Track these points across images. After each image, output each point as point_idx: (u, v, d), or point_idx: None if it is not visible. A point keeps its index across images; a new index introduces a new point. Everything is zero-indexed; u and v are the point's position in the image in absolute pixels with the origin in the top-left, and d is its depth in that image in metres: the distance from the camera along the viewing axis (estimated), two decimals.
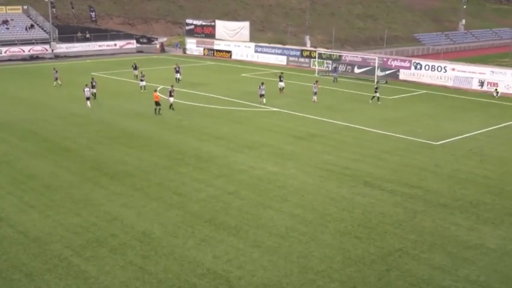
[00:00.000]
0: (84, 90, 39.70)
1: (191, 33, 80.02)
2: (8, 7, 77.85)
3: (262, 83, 42.71)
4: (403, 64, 57.35)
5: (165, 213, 20.65)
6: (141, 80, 46.50)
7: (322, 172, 25.77)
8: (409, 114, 39.35)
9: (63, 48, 74.87)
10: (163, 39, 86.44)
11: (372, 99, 43.45)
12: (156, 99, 37.15)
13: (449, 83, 53.44)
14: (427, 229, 19.63)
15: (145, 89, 45.80)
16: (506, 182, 24.96)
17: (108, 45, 79.12)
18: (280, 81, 47.10)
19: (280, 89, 46.95)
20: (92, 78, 44.06)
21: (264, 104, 41.25)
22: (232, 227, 19.56)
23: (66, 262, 16.85)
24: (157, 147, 29.59)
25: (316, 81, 44.60)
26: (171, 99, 38.30)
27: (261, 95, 42.29)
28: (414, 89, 51.11)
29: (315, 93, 42.98)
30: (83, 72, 59.26)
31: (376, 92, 43.55)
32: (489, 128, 35.26)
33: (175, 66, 53.61)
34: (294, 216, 20.56)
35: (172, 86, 39.76)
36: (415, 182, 24.66)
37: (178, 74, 52.12)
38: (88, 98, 39.46)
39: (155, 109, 37.03)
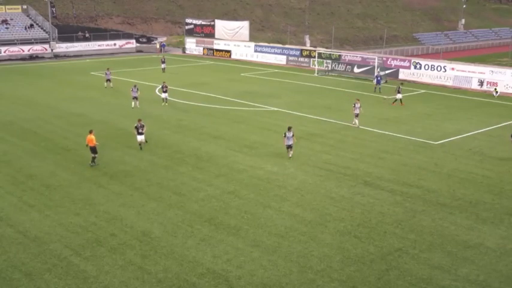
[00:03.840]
0: (131, 90, 39.80)
1: (191, 32, 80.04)
2: (7, 6, 77.84)
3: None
4: (402, 64, 57.33)
5: (165, 213, 20.65)
6: (164, 92, 41.03)
7: (321, 172, 25.77)
8: (409, 114, 39.33)
9: (62, 47, 74.89)
10: (163, 39, 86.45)
11: (394, 101, 42.18)
12: (92, 144, 25.81)
13: (449, 83, 53.43)
14: (426, 228, 19.64)
15: (166, 102, 40.75)
16: (506, 181, 24.96)
17: (107, 45, 79.16)
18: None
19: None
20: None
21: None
22: (231, 226, 19.56)
23: (65, 262, 16.84)
24: (157, 146, 29.58)
25: (358, 100, 35.23)
26: (140, 138, 28.57)
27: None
28: (414, 89, 51.07)
29: (357, 115, 34.44)
30: (83, 72, 59.32)
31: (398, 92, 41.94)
32: (489, 128, 35.26)
33: (161, 58, 59.36)
34: (293, 216, 20.56)
35: (140, 120, 29.15)
36: (414, 181, 24.66)
37: (164, 65, 57.79)
38: (135, 98, 39.71)
39: (92, 158, 26.07)
